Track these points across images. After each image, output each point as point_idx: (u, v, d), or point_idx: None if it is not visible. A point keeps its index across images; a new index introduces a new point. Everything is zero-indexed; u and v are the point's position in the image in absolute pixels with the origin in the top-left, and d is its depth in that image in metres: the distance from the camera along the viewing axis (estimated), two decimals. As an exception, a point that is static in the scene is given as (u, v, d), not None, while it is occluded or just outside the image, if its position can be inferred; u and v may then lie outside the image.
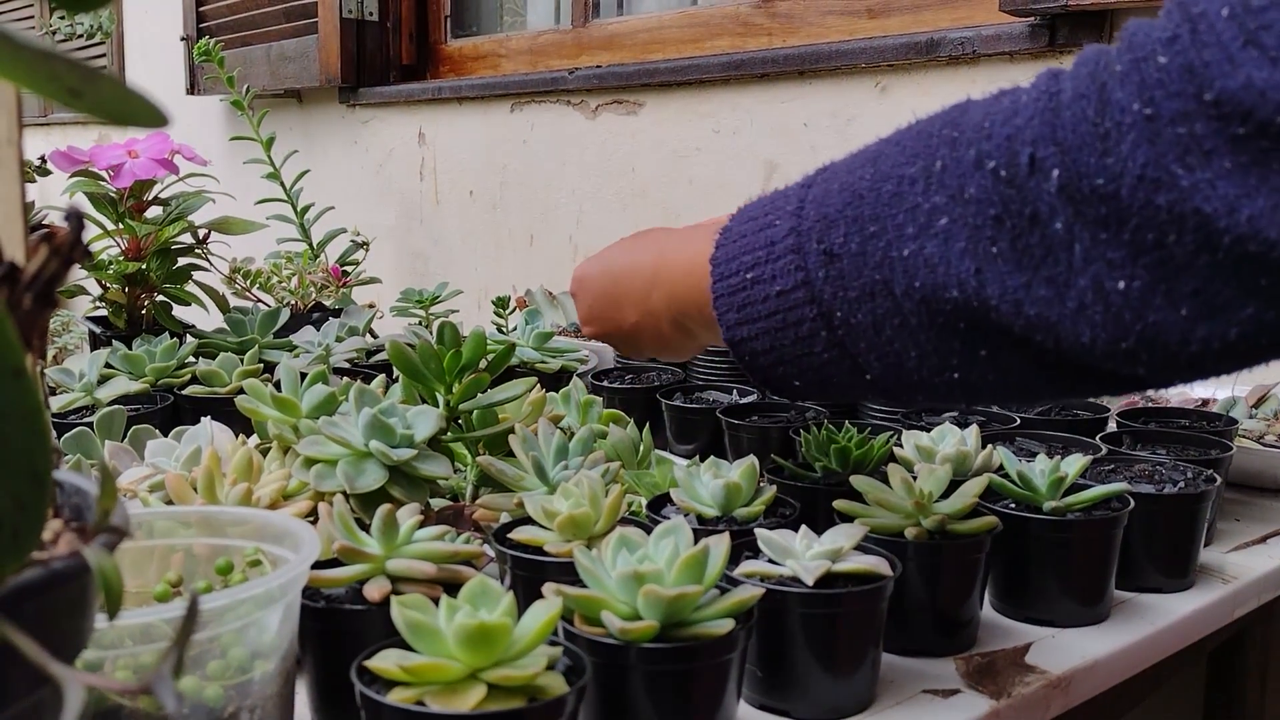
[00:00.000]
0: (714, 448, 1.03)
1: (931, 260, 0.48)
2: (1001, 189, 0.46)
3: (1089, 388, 0.51)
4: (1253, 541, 0.94)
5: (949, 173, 0.48)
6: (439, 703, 0.48)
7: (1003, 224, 0.46)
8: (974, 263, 0.47)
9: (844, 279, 0.52)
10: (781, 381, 0.59)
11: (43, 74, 0.28)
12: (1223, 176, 0.39)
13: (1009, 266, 0.46)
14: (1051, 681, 0.69)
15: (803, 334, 0.55)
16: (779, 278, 0.55)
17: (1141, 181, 0.41)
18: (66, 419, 1.02)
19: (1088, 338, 0.45)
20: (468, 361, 0.85)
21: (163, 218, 1.33)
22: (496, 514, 0.78)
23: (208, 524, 0.62)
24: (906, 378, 0.53)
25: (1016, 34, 1.33)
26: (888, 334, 0.52)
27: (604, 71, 1.90)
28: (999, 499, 0.79)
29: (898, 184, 0.50)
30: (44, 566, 0.28)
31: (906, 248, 0.49)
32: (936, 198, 0.48)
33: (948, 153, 0.48)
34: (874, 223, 0.51)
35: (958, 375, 0.51)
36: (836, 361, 0.55)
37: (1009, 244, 0.46)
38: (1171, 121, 0.40)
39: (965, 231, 0.47)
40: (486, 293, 2.06)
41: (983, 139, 0.47)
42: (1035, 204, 0.45)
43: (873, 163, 0.52)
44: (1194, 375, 0.45)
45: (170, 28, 2.99)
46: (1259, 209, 0.39)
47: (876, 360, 0.53)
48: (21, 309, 0.29)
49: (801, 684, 0.64)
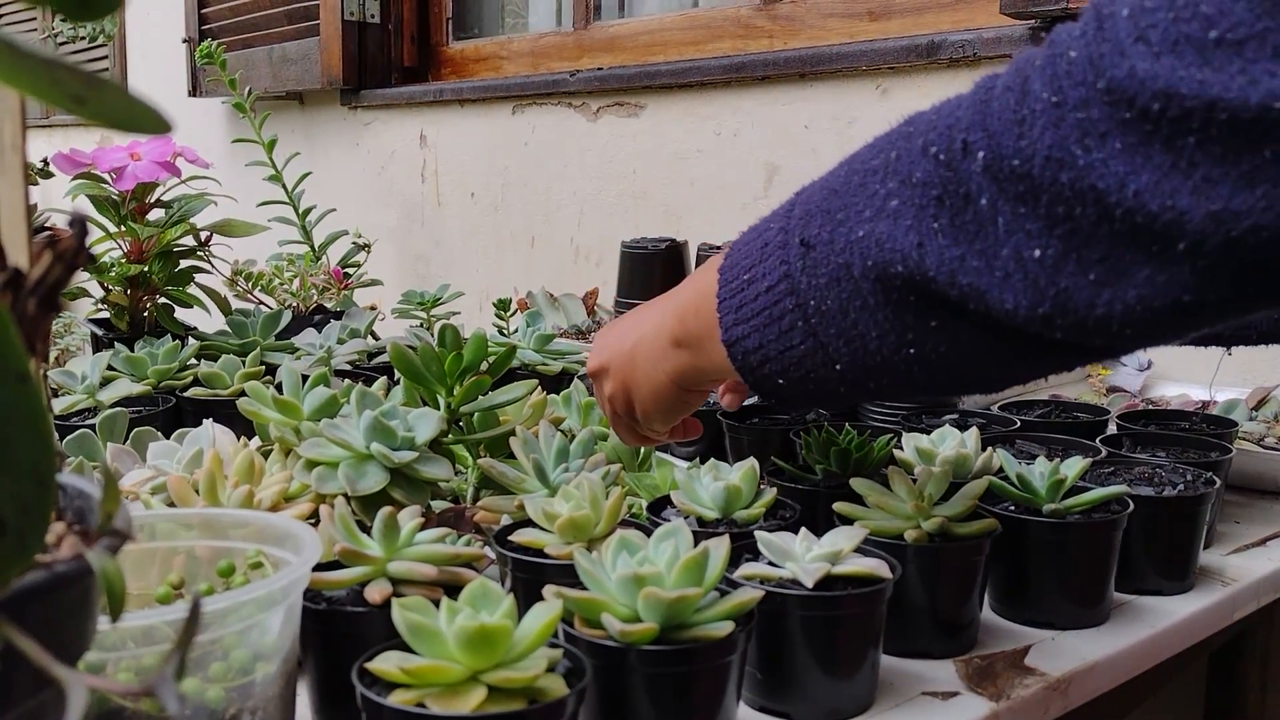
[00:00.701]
0: (714, 450, 1.03)
1: (881, 239, 0.53)
2: (941, 171, 0.51)
3: (1027, 358, 0.54)
4: (1253, 544, 0.94)
5: (901, 160, 0.53)
6: (440, 705, 0.48)
7: (943, 203, 0.51)
8: (917, 237, 0.52)
9: (816, 267, 0.56)
10: (769, 381, 0.61)
11: (46, 81, 0.28)
12: (1114, 156, 0.44)
13: (947, 240, 0.51)
14: (1051, 684, 0.69)
15: (784, 327, 0.59)
16: (767, 275, 0.59)
17: (1049, 161, 0.46)
18: (69, 421, 1.02)
19: (1011, 303, 0.49)
20: (469, 364, 0.85)
21: (165, 220, 1.33)
22: (497, 516, 0.78)
23: (209, 526, 0.62)
24: (870, 360, 0.56)
25: (1017, 37, 1.33)
26: (852, 316, 0.56)
27: (605, 74, 1.90)
28: (999, 501, 0.79)
29: (863, 176, 0.56)
30: (47, 569, 0.28)
31: (862, 229, 0.54)
32: (890, 183, 0.53)
33: (903, 144, 0.54)
34: (841, 211, 0.56)
35: (914, 350, 0.55)
36: (811, 354, 0.58)
37: (948, 220, 0.50)
38: (1074, 108, 0.45)
39: (911, 211, 0.52)
40: (488, 295, 2.06)
41: (929, 130, 0.52)
42: (968, 184, 0.49)
43: (849, 162, 0.58)
44: (1105, 340, 0.49)
45: (172, 30, 2.99)
46: (1143, 184, 0.43)
47: (845, 346, 0.57)
48: (25, 314, 0.29)
49: (801, 686, 0.64)
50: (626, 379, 0.75)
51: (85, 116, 0.29)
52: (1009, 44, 1.34)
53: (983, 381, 0.58)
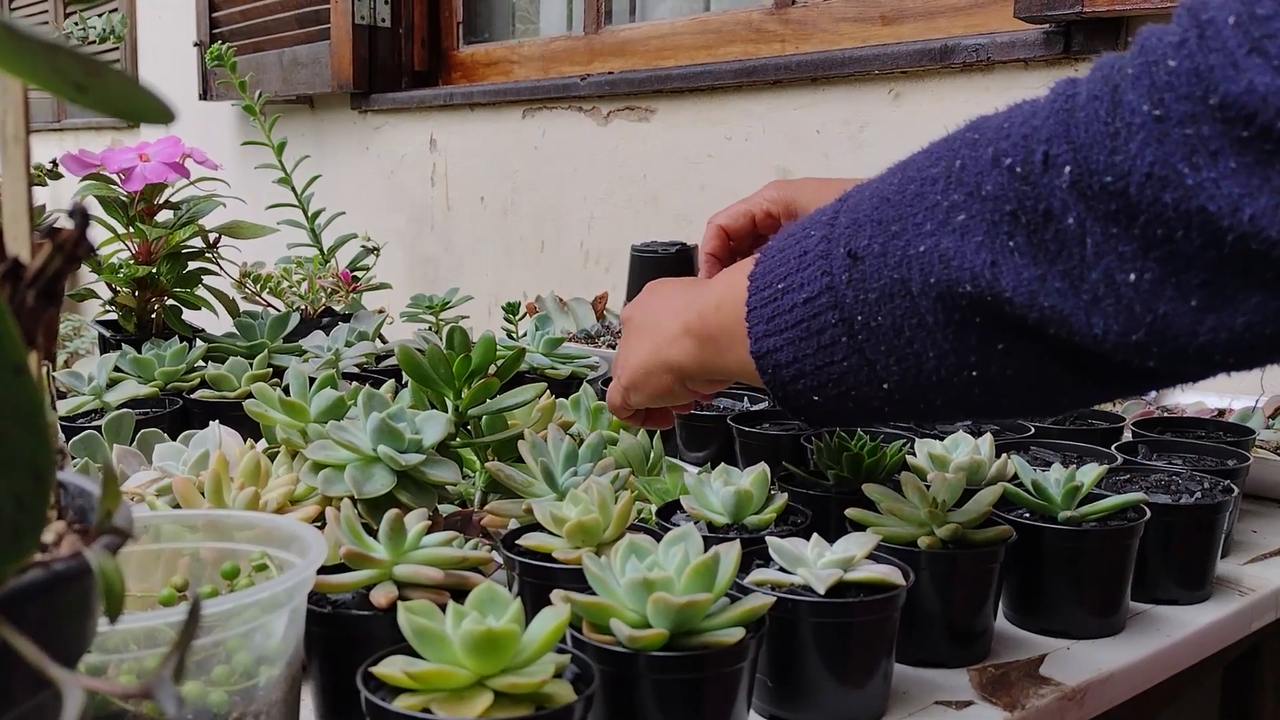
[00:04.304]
0: (725, 455, 1.03)
1: (947, 255, 0.49)
2: (1017, 185, 0.47)
3: (1105, 384, 0.51)
4: (1270, 553, 0.93)
5: (967, 170, 0.49)
6: (445, 710, 0.48)
7: (1018, 219, 0.47)
8: (990, 255, 0.48)
9: (865, 281, 0.53)
10: (802, 397, 0.58)
11: (48, 68, 0.28)
12: (1227, 176, 0.41)
13: (1024, 260, 0.47)
14: (1066, 694, 0.68)
15: (825, 342, 0.55)
16: (805, 285, 0.56)
17: (1149, 179, 0.42)
18: (75, 422, 1.02)
19: (1100, 329, 0.46)
20: (477, 367, 0.84)
21: (173, 221, 1.33)
22: (505, 520, 0.77)
23: (215, 528, 0.61)
24: (925, 380, 0.53)
25: (1031, 41, 1.32)
26: (907, 334, 0.52)
27: (616, 78, 1.90)
28: (1013, 508, 0.78)
29: (920, 185, 0.51)
30: (46, 568, 0.27)
31: (924, 244, 0.50)
32: (955, 195, 0.49)
33: (968, 152, 0.50)
34: (896, 222, 0.52)
35: (976, 372, 0.51)
36: (855, 370, 0.55)
37: (1025, 238, 0.47)
38: (1179, 123, 0.42)
39: (982, 226, 0.48)
40: (497, 298, 2.05)
41: (1000, 138, 0.48)
42: (1049, 200, 0.46)
43: (902, 169, 0.54)
44: (1202, 367, 0.46)
45: (183, 33, 3.00)
46: (1261, 208, 0.40)
47: (896, 364, 0.53)
48: (24, 306, 0.29)
49: (812, 694, 0.63)
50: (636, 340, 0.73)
51: (87, 105, 0.28)
52: (1023, 48, 1.33)
53: (1048, 406, 0.55)
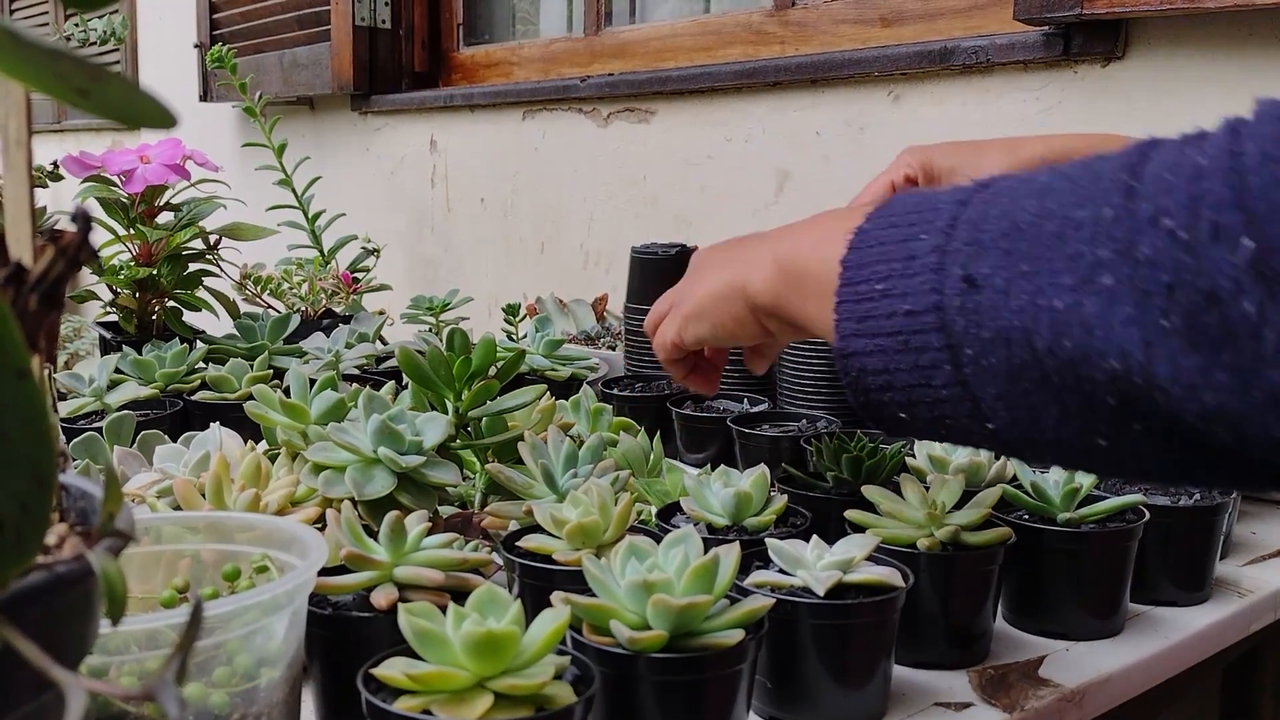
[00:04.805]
0: (725, 457, 1.03)
1: (1089, 321, 0.42)
2: (1178, 254, 0.39)
3: (1249, 481, 0.45)
4: (1269, 554, 0.93)
5: (1120, 225, 0.42)
6: (446, 711, 0.48)
7: (1174, 295, 0.39)
8: (1141, 334, 0.40)
9: (980, 314, 0.46)
10: (886, 409, 0.52)
11: (51, 74, 0.28)
12: None
13: (1180, 343, 0.39)
14: (1065, 695, 0.68)
15: (924, 363, 0.49)
16: (911, 295, 0.49)
17: None
18: (76, 424, 1.02)
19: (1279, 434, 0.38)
20: (477, 368, 0.84)
21: (174, 223, 1.33)
22: (505, 522, 0.78)
23: (215, 530, 0.62)
24: (1039, 435, 0.46)
25: (1030, 43, 1.32)
26: (1024, 386, 0.45)
27: (616, 79, 1.90)
28: (1013, 510, 0.78)
29: (1061, 224, 0.44)
30: (48, 570, 0.28)
31: (1061, 299, 0.43)
32: (1102, 250, 0.42)
33: (1122, 205, 0.42)
34: (1028, 261, 0.45)
35: (1105, 443, 0.45)
36: (956, 402, 0.48)
37: (1183, 319, 0.39)
38: None
39: (1133, 296, 0.40)
40: (497, 300, 2.05)
41: (1161, 193, 0.41)
42: (1215, 277, 0.38)
43: (1039, 195, 0.46)
44: None
45: (184, 35, 3.00)
46: None
47: (1006, 410, 0.47)
48: (27, 310, 0.29)
49: (812, 696, 0.63)
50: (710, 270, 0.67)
51: (89, 109, 0.28)
52: (1022, 50, 1.33)
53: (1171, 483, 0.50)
